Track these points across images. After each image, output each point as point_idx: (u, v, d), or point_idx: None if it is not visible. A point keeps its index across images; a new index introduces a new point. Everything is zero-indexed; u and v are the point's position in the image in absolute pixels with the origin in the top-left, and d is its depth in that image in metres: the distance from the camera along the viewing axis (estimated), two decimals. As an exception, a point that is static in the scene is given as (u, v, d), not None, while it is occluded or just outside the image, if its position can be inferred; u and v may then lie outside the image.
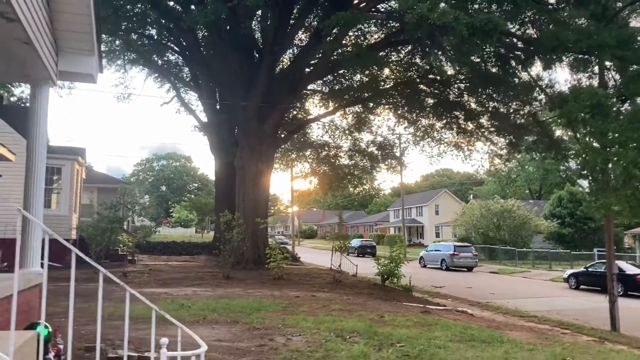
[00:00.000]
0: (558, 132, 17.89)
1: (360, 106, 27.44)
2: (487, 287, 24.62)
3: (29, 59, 5.89)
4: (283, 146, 27.01)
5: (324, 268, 24.09)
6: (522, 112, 21.35)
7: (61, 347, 4.67)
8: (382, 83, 25.26)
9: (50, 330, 4.45)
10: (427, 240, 58.15)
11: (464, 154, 28.17)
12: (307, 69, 20.60)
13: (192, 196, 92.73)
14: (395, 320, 10.29)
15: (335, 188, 33.32)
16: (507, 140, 25.17)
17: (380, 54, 18.80)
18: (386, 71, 24.80)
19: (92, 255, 18.05)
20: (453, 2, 12.50)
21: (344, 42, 17.24)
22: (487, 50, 13.03)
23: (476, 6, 12.53)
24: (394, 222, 70.99)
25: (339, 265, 17.82)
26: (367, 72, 19.86)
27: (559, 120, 12.67)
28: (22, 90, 31.72)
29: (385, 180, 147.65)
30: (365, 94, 25.17)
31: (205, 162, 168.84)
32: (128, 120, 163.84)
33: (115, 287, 14.42)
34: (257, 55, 20.46)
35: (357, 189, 38.77)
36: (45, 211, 18.11)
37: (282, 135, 24.06)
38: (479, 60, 20.10)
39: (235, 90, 19.71)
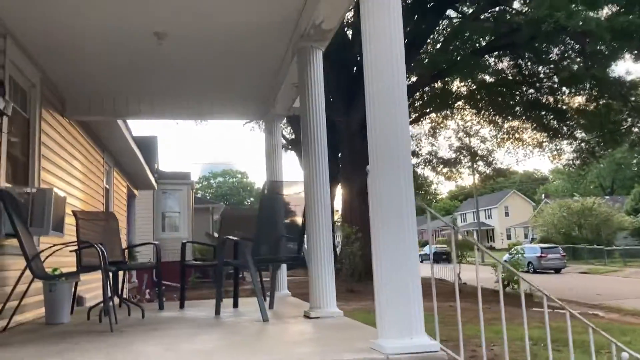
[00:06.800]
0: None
1: (441, 112, 27.54)
2: (588, 288, 24.02)
3: (280, 99, 6.39)
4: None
5: (426, 277, 24.15)
6: (622, 108, 20.95)
7: None
8: (466, 87, 25.30)
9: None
10: (497, 243, 57.14)
11: (552, 154, 27.86)
12: (407, 82, 20.78)
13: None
14: (560, 327, 10.24)
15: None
16: (599, 137, 24.71)
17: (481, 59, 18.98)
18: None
19: (212, 275, 18.81)
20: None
21: (449, 49, 17.49)
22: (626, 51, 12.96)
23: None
24: (461, 226, 70.10)
25: (458, 274, 17.87)
26: (469, 79, 20.01)
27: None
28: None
29: (441, 183, 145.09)
30: (451, 100, 25.25)
31: (260, 176, 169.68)
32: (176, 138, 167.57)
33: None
34: (355, 69, 20.91)
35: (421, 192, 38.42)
36: (169, 234, 19.09)
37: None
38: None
39: (335, 105, 20.19)
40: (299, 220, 4.85)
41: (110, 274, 4.84)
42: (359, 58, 21.14)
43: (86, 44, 5.20)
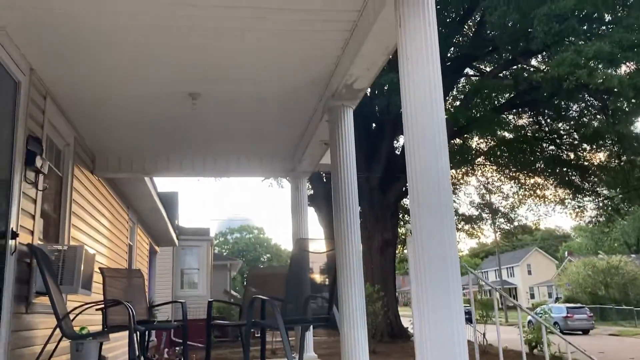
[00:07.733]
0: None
1: (461, 168, 27.46)
2: (619, 351, 22.97)
3: (307, 156, 6.42)
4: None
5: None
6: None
7: None
8: (485, 143, 25.33)
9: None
10: (522, 303, 55.50)
11: (575, 211, 27.42)
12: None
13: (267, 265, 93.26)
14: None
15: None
16: (624, 194, 24.34)
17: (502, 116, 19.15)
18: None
19: (231, 334, 18.49)
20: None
21: (469, 106, 17.71)
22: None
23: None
24: (483, 285, 68.57)
25: (484, 335, 17.29)
26: (489, 135, 20.10)
27: None
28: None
29: (462, 241, 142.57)
30: (471, 156, 25.25)
31: (277, 232, 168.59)
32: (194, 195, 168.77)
33: None
34: (374, 125, 21.18)
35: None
36: (188, 291, 18.90)
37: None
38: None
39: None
40: (328, 279, 4.75)
41: (137, 333, 4.74)
42: (378, 114, 21.46)
43: (121, 107, 5.35)
